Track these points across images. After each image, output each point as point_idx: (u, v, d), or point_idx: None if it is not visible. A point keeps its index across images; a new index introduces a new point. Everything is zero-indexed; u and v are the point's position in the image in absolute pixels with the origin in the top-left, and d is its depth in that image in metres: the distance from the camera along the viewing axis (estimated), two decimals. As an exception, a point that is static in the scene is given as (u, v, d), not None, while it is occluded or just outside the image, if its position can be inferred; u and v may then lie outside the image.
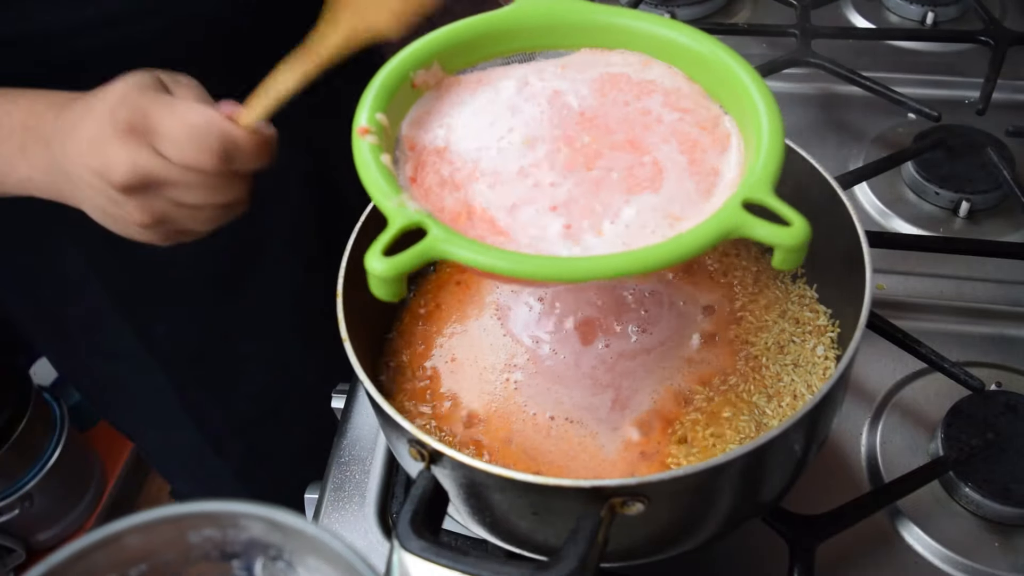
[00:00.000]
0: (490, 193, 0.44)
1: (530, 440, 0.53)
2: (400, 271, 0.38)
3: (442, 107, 0.48)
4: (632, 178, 0.43)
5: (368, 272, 0.38)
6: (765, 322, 0.58)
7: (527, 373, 0.56)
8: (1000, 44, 0.88)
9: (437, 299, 0.62)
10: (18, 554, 1.57)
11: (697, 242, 0.39)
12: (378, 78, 0.46)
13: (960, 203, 0.80)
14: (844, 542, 0.57)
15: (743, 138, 0.45)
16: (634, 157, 0.44)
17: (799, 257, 0.38)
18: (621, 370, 0.55)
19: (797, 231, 0.38)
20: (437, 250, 0.39)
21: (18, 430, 1.50)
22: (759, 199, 0.39)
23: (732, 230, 0.38)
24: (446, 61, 0.48)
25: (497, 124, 0.46)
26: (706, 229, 0.39)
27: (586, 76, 0.48)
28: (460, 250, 0.39)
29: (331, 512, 0.63)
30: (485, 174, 0.44)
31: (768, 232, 0.38)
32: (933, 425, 0.63)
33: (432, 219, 0.40)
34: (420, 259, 0.39)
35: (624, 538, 0.45)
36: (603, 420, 0.53)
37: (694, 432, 0.52)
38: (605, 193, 0.43)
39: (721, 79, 0.46)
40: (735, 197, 0.40)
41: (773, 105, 0.43)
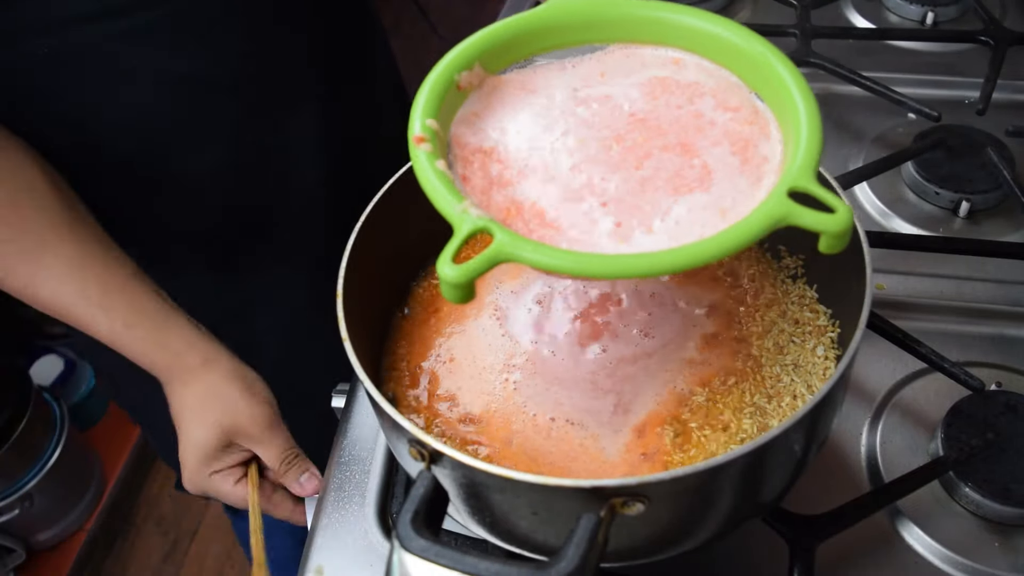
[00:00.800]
0: (541, 190, 0.44)
1: (530, 441, 0.53)
2: (471, 276, 0.39)
3: (491, 109, 0.48)
4: (681, 179, 0.44)
5: (440, 279, 0.39)
6: (765, 322, 0.58)
7: (526, 374, 0.56)
8: (1000, 44, 0.88)
9: (436, 299, 0.62)
10: (18, 554, 1.57)
11: (747, 233, 0.39)
12: (426, 85, 0.46)
13: (960, 203, 0.80)
14: (844, 542, 0.57)
15: (782, 128, 0.45)
16: (684, 160, 0.45)
17: (844, 242, 0.39)
18: (622, 375, 0.55)
19: (842, 217, 0.38)
20: (504, 254, 0.39)
21: (18, 430, 1.50)
22: (803, 187, 0.40)
23: (780, 219, 0.39)
24: (487, 61, 0.48)
25: (549, 126, 0.47)
26: (755, 220, 0.39)
27: (632, 80, 0.49)
28: (527, 252, 0.39)
29: (331, 512, 0.63)
30: (536, 171, 0.45)
31: (814, 219, 0.39)
32: (933, 425, 0.63)
33: (496, 224, 0.41)
34: (489, 263, 0.39)
35: (624, 538, 0.45)
36: (605, 423, 0.53)
37: (695, 433, 0.52)
38: (654, 193, 0.44)
39: (756, 69, 0.46)
40: (780, 186, 0.40)
41: (809, 94, 0.43)
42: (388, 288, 0.62)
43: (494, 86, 0.49)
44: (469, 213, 0.40)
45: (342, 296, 0.52)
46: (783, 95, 0.44)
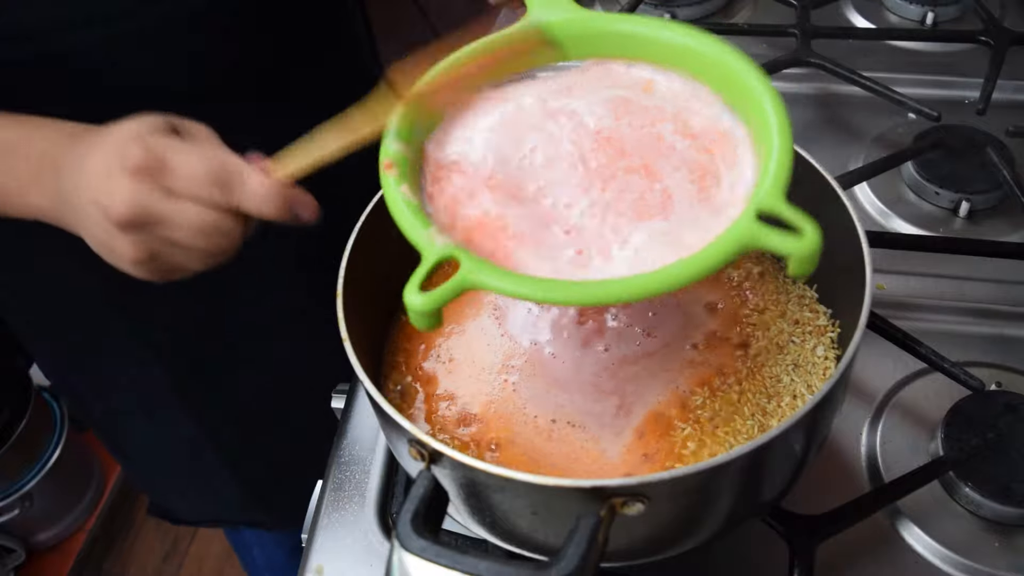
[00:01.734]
0: (507, 209, 0.44)
1: (531, 442, 0.53)
2: (437, 304, 0.39)
3: (459, 118, 0.49)
4: (643, 203, 0.44)
5: (407, 307, 0.40)
6: (765, 322, 0.58)
7: (525, 375, 0.56)
8: (1000, 44, 0.88)
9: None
10: (18, 554, 1.57)
11: (715, 258, 0.39)
12: (398, 110, 0.47)
13: (960, 203, 0.80)
14: (844, 542, 0.57)
15: (754, 143, 0.45)
16: (647, 184, 0.45)
17: (812, 265, 0.39)
18: (624, 376, 0.55)
19: (809, 240, 0.38)
20: (470, 281, 0.40)
21: (18, 430, 1.50)
22: (771, 209, 0.40)
23: (747, 244, 0.39)
24: None
25: (518, 140, 0.47)
26: (722, 244, 0.39)
27: (599, 97, 0.49)
28: (493, 280, 0.40)
29: (331, 512, 0.63)
30: (503, 188, 0.45)
31: (781, 242, 0.38)
32: (933, 425, 0.63)
33: (463, 251, 0.41)
34: (455, 292, 0.40)
35: (624, 538, 0.45)
36: (607, 426, 0.53)
37: (696, 435, 0.52)
38: (617, 219, 0.44)
39: (732, 84, 0.46)
40: (749, 208, 0.40)
41: (783, 113, 0.43)
42: (388, 288, 0.62)
43: (465, 103, 0.49)
44: (435, 241, 0.41)
45: (342, 296, 0.52)
46: (757, 111, 0.44)
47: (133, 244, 0.50)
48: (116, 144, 0.50)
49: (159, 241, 0.50)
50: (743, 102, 0.46)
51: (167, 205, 0.49)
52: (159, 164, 0.49)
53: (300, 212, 0.51)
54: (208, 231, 0.49)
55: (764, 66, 0.88)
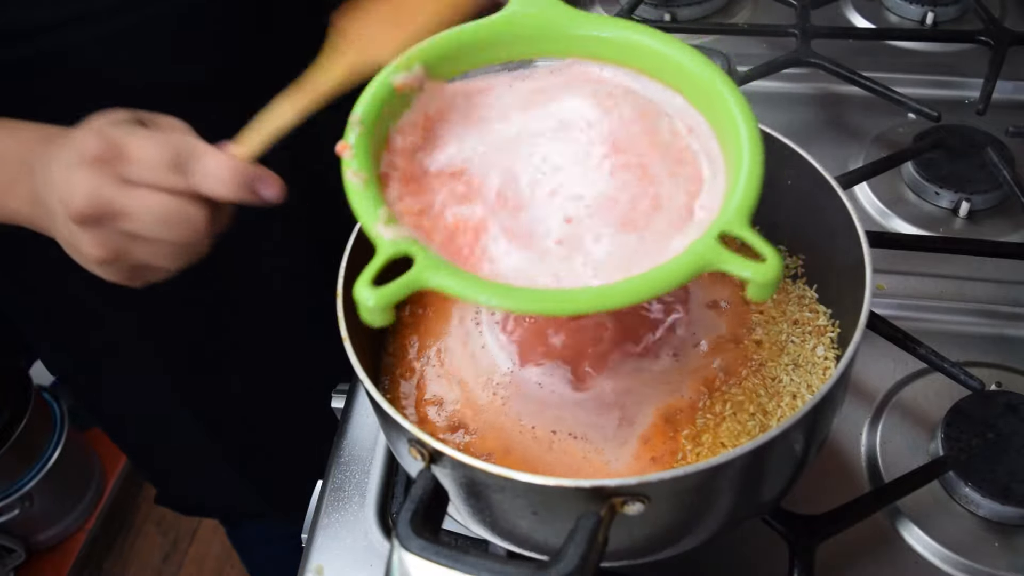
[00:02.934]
0: (491, 213, 0.44)
1: (530, 451, 0.52)
2: (388, 301, 0.38)
3: (443, 130, 0.47)
4: (630, 211, 0.44)
5: (357, 302, 0.39)
6: (765, 323, 0.58)
7: (512, 392, 0.54)
8: (1000, 44, 0.88)
9: (429, 298, 0.62)
10: (18, 554, 1.57)
11: (674, 275, 0.39)
12: (365, 95, 0.45)
13: (960, 203, 0.80)
14: (844, 542, 0.57)
15: (725, 160, 0.44)
16: (641, 188, 0.44)
17: (771, 291, 0.39)
18: (624, 388, 0.53)
19: (770, 267, 0.38)
20: (423, 280, 0.39)
21: (18, 430, 1.50)
22: (734, 232, 0.39)
23: (706, 265, 0.39)
24: (434, 68, 0.48)
25: (505, 147, 0.46)
26: (681, 263, 0.39)
27: (586, 101, 0.48)
28: (446, 280, 0.39)
29: (331, 512, 0.63)
30: (494, 195, 0.44)
31: (741, 267, 0.38)
32: (933, 425, 0.63)
33: (419, 247, 0.40)
34: (407, 289, 0.39)
35: (624, 538, 0.45)
36: (610, 438, 0.52)
37: (698, 436, 0.52)
38: (600, 222, 0.43)
39: (705, 96, 0.46)
40: (712, 229, 0.40)
41: (756, 134, 0.42)
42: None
43: (444, 99, 0.48)
44: (389, 234, 0.40)
45: (342, 296, 0.52)
46: (729, 128, 0.44)
47: (95, 241, 0.48)
48: (78, 138, 0.48)
49: (121, 237, 0.48)
50: (717, 115, 0.45)
51: (124, 195, 0.46)
52: (115, 153, 0.47)
53: (263, 191, 0.48)
54: (170, 220, 0.47)
55: (764, 66, 0.88)
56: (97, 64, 0.68)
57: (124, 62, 0.69)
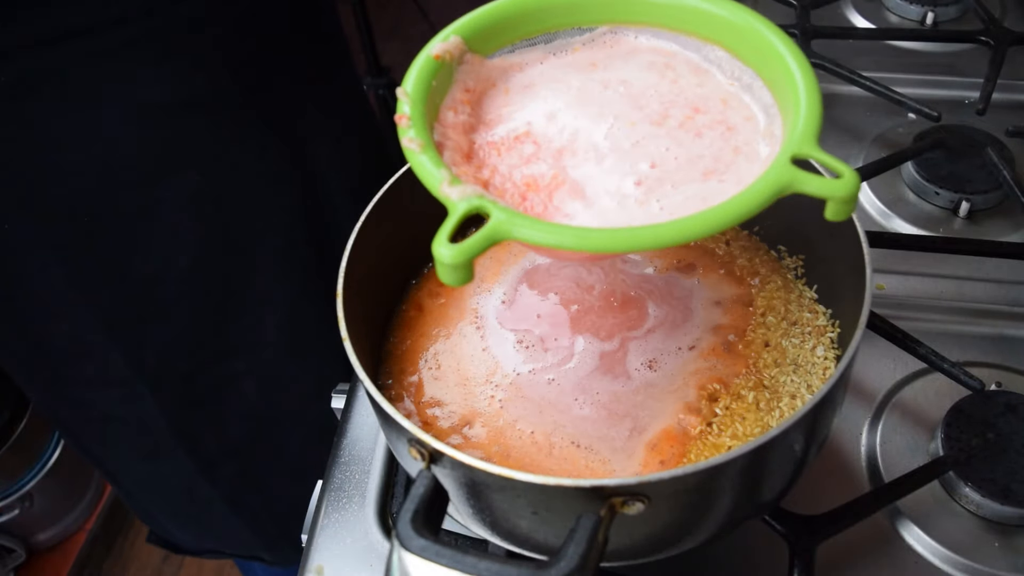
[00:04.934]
0: (563, 170, 0.44)
1: (529, 456, 0.52)
2: (468, 256, 0.38)
3: (498, 98, 0.48)
4: (718, 161, 0.44)
5: (436, 260, 0.38)
6: (765, 323, 0.58)
7: (511, 395, 0.54)
8: (1000, 44, 0.88)
9: (427, 299, 0.62)
10: (18, 554, 1.57)
11: (753, 200, 0.38)
12: (410, 70, 0.45)
13: (960, 203, 0.80)
14: (844, 542, 0.57)
15: (778, 102, 0.45)
16: (724, 141, 0.45)
17: (850, 208, 0.39)
18: (634, 402, 0.53)
19: (848, 182, 0.38)
20: (502, 232, 0.38)
21: (18, 430, 1.50)
22: (806, 154, 0.39)
23: (786, 186, 0.38)
24: (475, 43, 0.48)
25: (581, 107, 0.47)
26: (759, 187, 0.39)
27: (637, 65, 0.49)
28: (525, 230, 0.38)
29: (331, 512, 0.63)
30: (562, 149, 0.45)
31: (820, 185, 0.38)
32: (933, 425, 0.63)
33: (493, 202, 0.39)
34: (487, 242, 0.38)
35: (624, 538, 0.45)
36: (619, 449, 0.51)
37: (700, 437, 0.52)
38: (677, 173, 0.44)
39: (750, 44, 0.46)
40: (782, 154, 0.39)
41: (806, 64, 0.43)
42: (388, 287, 0.62)
43: (486, 74, 0.48)
44: (465, 192, 0.39)
45: (342, 296, 0.52)
46: (779, 67, 0.44)
47: None
48: None
49: None
50: (762, 60, 0.46)
51: None
52: None
53: None
54: None
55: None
56: (95, 80, 0.67)
57: (122, 77, 0.68)
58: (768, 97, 0.46)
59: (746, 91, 0.47)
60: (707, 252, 0.62)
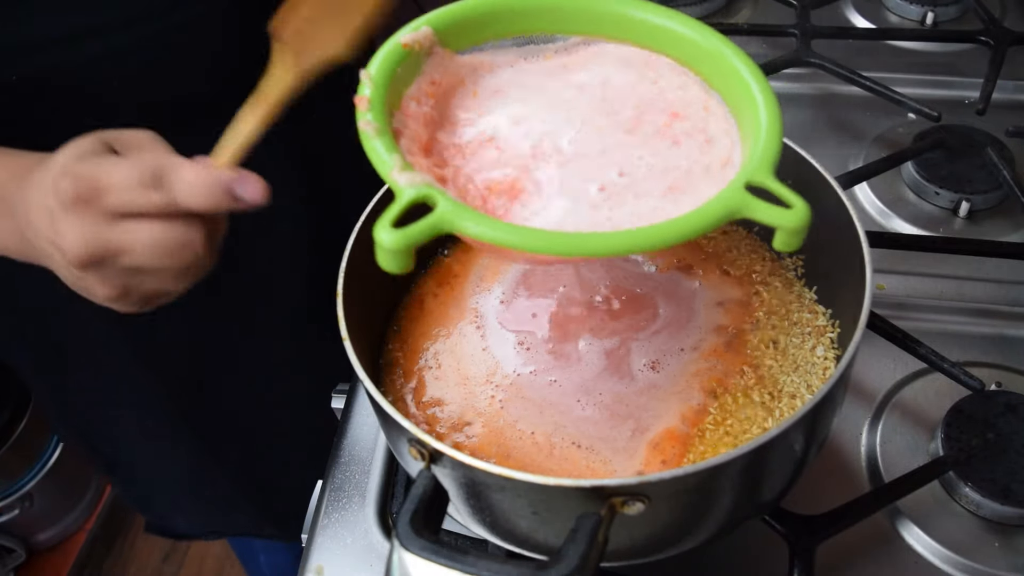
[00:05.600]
0: (526, 172, 0.44)
1: (529, 456, 0.51)
2: (409, 243, 0.38)
3: (484, 98, 0.48)
4: (662, 172, 0.44)
5: (377, 244, 0.38)
6: (765, 324, 0.58)
7: (511, 395, 0.54)
8: (1000, 44, 0.88)
9: (429, 298, 0.62)
10: (18, 554, 1.57)
11: (702, 220, 0.39)
12: (377, 54, 0.45)
13: (960, 203, 0.80)
14: (844, 542, 0.57)
15: (739, 126, 0.45)
16: (670, 153, 0.45)
17: (799, 239, 0.39)
18: (637, 404, 0.53)
19: (798, 213, 0.38)
20: (445, 222, 0.38)
21: (18, 430, 1.50)
22: (760, 182, 0.40)
23: (735, 211, 0.39)
24: (444, 37, 0.48)
25: (541, 112, 0.47)
26: (710, 208, 0.39)
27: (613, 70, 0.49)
28: (469, 223, 0.38)
29: (331, 512, 0.63)
30: (527, 155, 0.45)
31: (770, 214, 0.38)
32: (933, 425, 0.63)
33: (441, 192, 0.39)
34: (429, 231, 0.38)
35: (624, 538, 0.45)
36: (621, 450, 0.51)
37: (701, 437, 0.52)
38: (638, 185, 0.44)
39: (718, 68, 0.47)
40: (737, 180, 0.40)
41: (769, 92, 0.43)
42: (388, 287, 0.62)
43: (454, 70, 0.48)
44: (404, 179, 0.39)
45: (342, 296, 0.52)
46: (742, 92, 0.44)
47: (102, 282, 0.48)
48: (50, 180, 0.47)
49: (124, 273, 0.48)
50: (726, 83, 0.46)
51: (116, 232, 0.46)
52: (92, 189, 0.45)
53: (245, 195, 0.47)
54: (167, 248, 0.47)
55: (764, 66, 0.87)
56: (97, 81, 0.67)
57: (125, 79, 0.68)
58: None
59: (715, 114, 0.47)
60: (707, 253, 0.62)
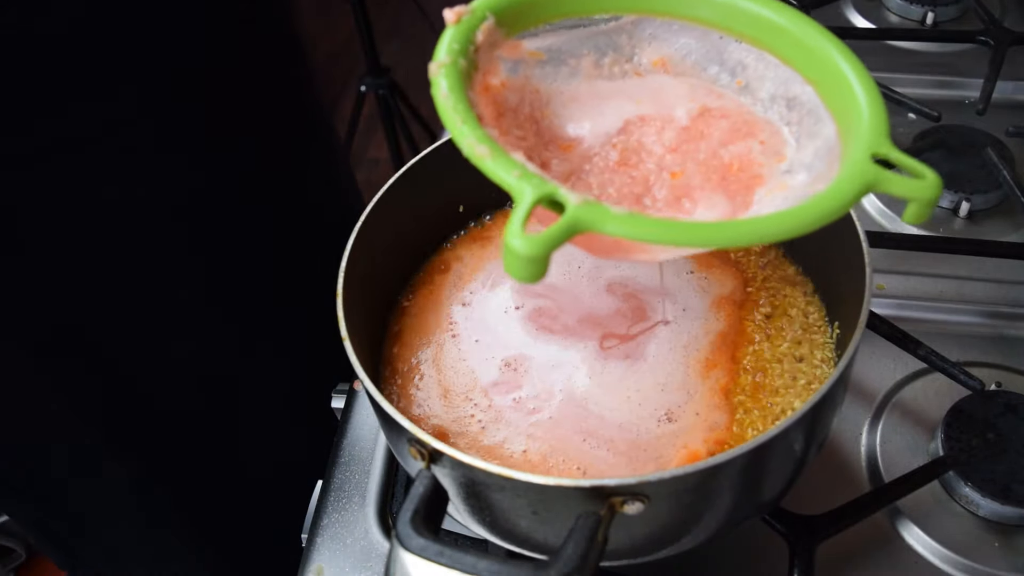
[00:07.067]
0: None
1: None
2: (548, 248, 0.34)
3: (577, 106, 0.48)
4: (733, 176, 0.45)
5: (510, 252, 0.34)
6: (764, 324, 0.58)
7: (490, 418, 0.53)
8: (1000, 44, 0.88)
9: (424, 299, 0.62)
10: (18, 554, 1.57)
11: (840, 199, 0.36)
12: (446, 39, 0.42)
13: (960, 203, 0.80)
14: (844, 542, 0.57)
15: (826, 101, 0.43)
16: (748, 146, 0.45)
17: (931, 210, 0.38)
18: (655, 444, 0.51)
19: (931, 183, 0.37)
20: (584, 222, 0.35)
21: (18, 430, 1.50)
22: (884, 153, 0.38)
23: (872, 184, 0.37)
24: (502, 24, 0.45)
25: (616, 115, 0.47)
26: (844, 186, 0.37)
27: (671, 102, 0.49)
28: (611, 223, 0.35)
29: (331, 512, 0.63)
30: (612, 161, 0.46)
31: (905, 186, 0.37)
32: (933, 425, 0.63)
33: (567, 190, 0.36)
34: (565, 234, 0.35)
35: (624, 537, 0.45)
36: (622, 452, 0.51)
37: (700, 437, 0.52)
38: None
39: (792, 44, 0.45)
40: (860, 152, 0.38)
41: (858, 62, 0.41)
42: (388, 287, 0.62)
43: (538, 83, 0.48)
44: (534, 178, 0.36)
45: (342, 296, 0.52)
46: (825, 66, 0.42)
47: None
48: None
49: None
50: (811, 65, 0.44)
51: None
52: None
53: None
54: None
55: (764, 66, 0.88)
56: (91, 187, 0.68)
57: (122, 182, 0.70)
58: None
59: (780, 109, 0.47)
60: (706, 252, 0.62)
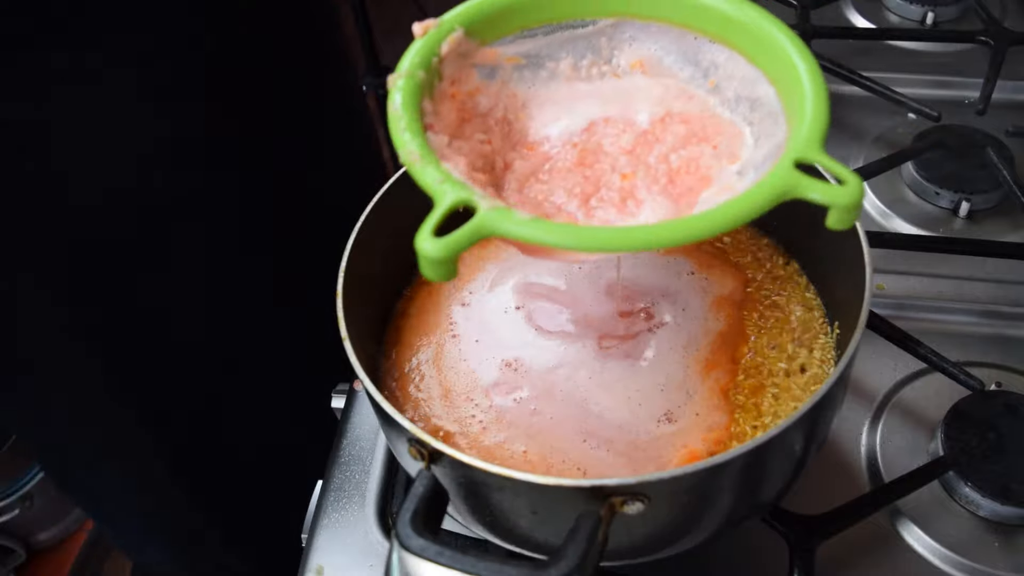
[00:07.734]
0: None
1: None
2: (454, 251, 0.36)
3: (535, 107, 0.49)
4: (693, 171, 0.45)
5: (420, 254, 0.37)
6: (764, 323, 0.57)
7: (491, 418, 0.53)
8: (1000, 44, 0.88)
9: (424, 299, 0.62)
10: (18, 554, 1.57)
11: (753, 204, 0.37)
12: (410, 53, 0.44)
13: (960, 203, 0.80)
14: (844, 542, 0.57)
15: (783, 104, 0.44)
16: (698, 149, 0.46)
17: (854, 216, 0.37)
18: (651, 441, 0.51)
19: (852, 189, 0.36)
20: (488, 227, 0.37)
21: (18, 430, 1.50)
22: (810, 159, 0.38)
23: (787, 191, 0.37)
24: (477, 31, 0.46)
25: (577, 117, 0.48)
26: (760, 191, 0.37)
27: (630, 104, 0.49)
28: (512, 226, 0.37)
29: (331, 512, 0.63)
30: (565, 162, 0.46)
31: (823, 191, 0.36)
32: (933, 425, 0.63)
33: (482, 195, 0.38)
34: (474, 236, 0.37)
35: (624, 537, 0.45)
36: (621, 453, 0.51)
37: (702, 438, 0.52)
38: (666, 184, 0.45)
39: (759, 43, 0.45)
40: (785, 157, 0.38)
41: (814, 66, 0.42)
42: (388, 286, 0.62)
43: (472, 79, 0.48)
44: (448, 186, 0.38)
45: (342, 296, 0.52)
46: (785, 68, 0.43)
47: None
48: None
49: None
50: (768, 59, 0.44)
51: None
52: None
53: None
54: None
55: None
56: (97, 124, 0.68)
57: (127, 120, 0.69)
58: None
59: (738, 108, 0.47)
60: (705, 252, 0.62)
